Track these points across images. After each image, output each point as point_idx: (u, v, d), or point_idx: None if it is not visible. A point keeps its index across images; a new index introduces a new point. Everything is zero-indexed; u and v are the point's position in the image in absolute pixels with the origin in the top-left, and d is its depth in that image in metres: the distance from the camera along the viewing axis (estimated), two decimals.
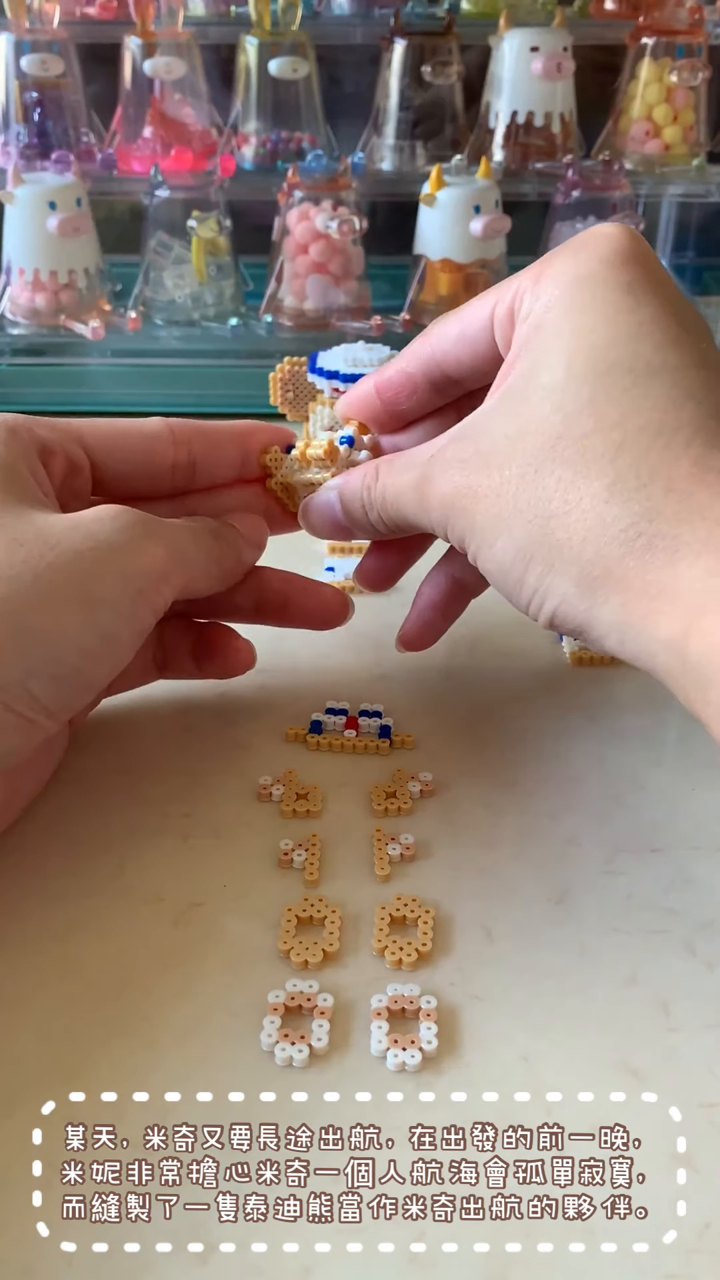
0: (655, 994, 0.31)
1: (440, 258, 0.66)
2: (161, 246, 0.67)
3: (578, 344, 0.31)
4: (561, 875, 0.35)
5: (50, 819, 0.36)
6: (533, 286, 0.34)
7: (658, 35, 0.69)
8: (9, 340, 0.66)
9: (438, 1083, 0.29)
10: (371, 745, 0.40)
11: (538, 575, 0.31)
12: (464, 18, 0.72)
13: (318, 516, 0.39)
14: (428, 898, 0.34)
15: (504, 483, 0.31)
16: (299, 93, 0.69)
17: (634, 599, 0.29)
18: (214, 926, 0.33)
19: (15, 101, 0.68)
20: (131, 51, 0.67)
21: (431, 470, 0.34)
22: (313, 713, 0.41)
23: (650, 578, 0.29)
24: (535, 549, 0.31)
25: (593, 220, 0.67)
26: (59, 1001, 0.31)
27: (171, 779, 0.39)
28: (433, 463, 0.34)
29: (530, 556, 0.31)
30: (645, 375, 0.30)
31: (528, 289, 0.34)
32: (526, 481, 0.31)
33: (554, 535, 0.30)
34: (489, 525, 0.32)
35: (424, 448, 0.35)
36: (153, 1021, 0.30)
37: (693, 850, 0.36)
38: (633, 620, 0.29)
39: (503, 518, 0.31)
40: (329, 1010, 0.31)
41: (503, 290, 0.35)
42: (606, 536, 0.29)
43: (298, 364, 0.55)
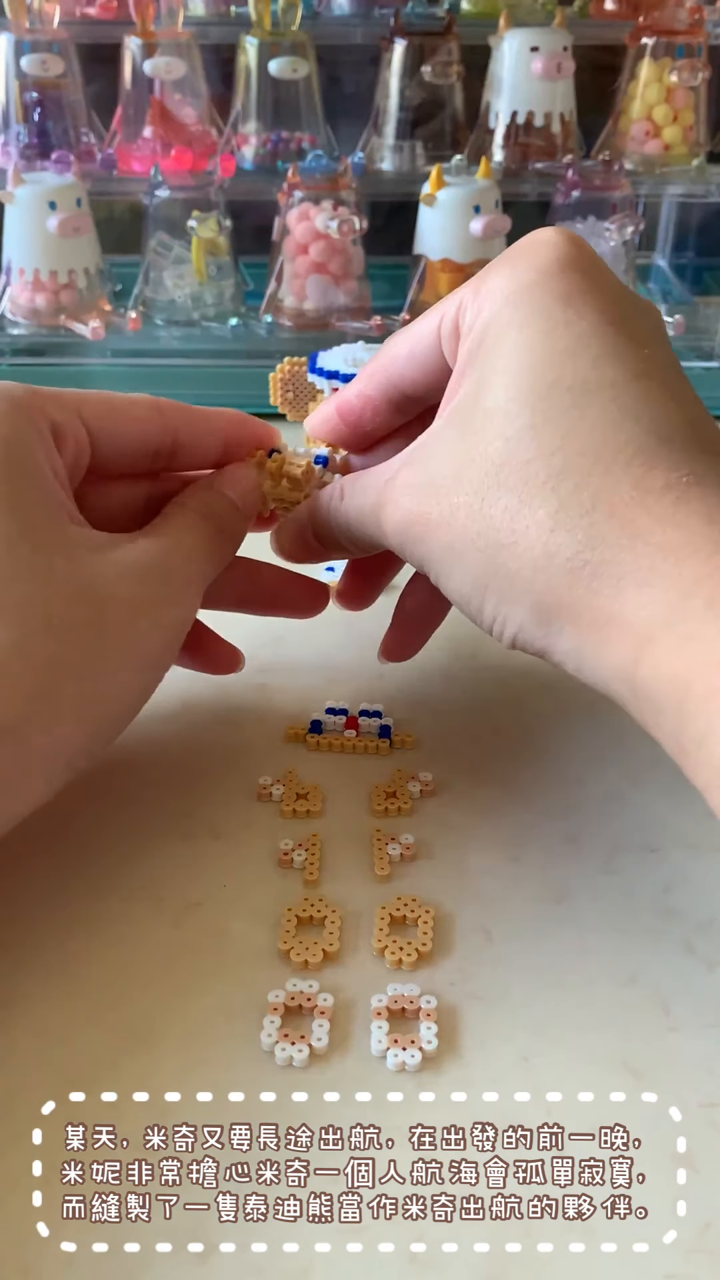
0: (655, 994, 0.31)
1: (440, 258, 0.66)
2: (161, 246, 0.67)
3: (517, 363, 0.31)
4: (561, 875, 0.35)
5: (50, 819, 0.36)
6: (473, 299, 0.33)
7: (657, 35, 0.69)
8: (9, 340, 0.66)
9: (438, 1083, 0.29)
10: (371, 745, 0.40)
11: (494, 605, 0.31)
12: (464, 18, 0.72)
13: (288, 538, 0.39)
14: (428, 898, 0.34)
15: (454, 510, 0.31)
16: (299, 93, 0.69)
17: (585, 628, 0.29)
18: (214, 926, 0.33)
19: (15, 101, 0.68)
20: (131, 51, 0.67)
21: (386, 496, 0.34)
22: (313, 713, 0.41)
23: (599, 605, 0.28)
24: (489, 579, 0.31)
25: (593, 220, 0.67)
26: (59, 1001, 0.31)
27: (171, 779, 0.39)
28: (387, 488, 0.34)
29: (485, 586, 0.31)
30: (583, 394, 0.30)
31: (469, 302, 0.33)
32: (474, 511, 0.31)
33: (505, 566, 0.30)
34: (443, 554, 0.32)
35: (382, 468, 0.35)
36: (152, 1021, 0.30)
37: (692, 850, 0.36)
38: (586, 648, 0.29)
39: (455, 548, 0.31)
40: (329, 1010, 0.31)
41: (446, 304, 0.34)
42: (554, 566, 0.29)
43: (298, 364, 0.55)
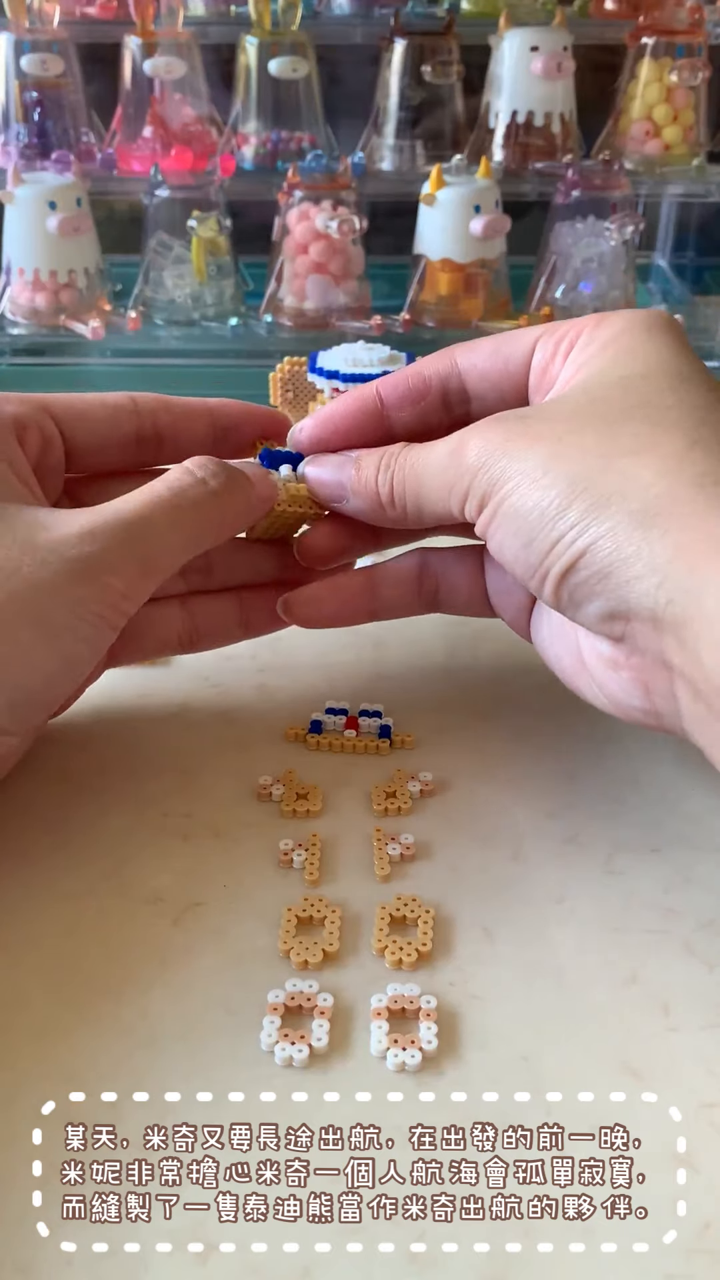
0: (655, 994, 0.31)
1: (440, 257, 0.66)
2: (161, 246, 0.67)
3: (654, 357, 0.33)
4: (561, 875, 0.35)
5: (50, 819, 0.36)
6: (595, 325, 0.35)
7: (658, 35, 0.70)
8: (9, 340, 0.66)
9: (438, 1083, 0.29)
10: (371, 745, 0.40)
11: (581, 510, 0.30)
12: (464, 18, 0.72)
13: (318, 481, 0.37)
14: (428, 898, 0.34)
15: (568, 431, 0.31)
16: (299, 93, 0.69)
17: (694, 540, 0.29)
18: (214, 926, 0.33)
19: (15, 101, 0.68)
20: (131, 51, 0.68)
21: (478, 427, 0.33)
22: (313, 713, 0.41)
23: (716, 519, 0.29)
24: (591, 481, 0.30)
25: (592, 220, 0.67)
26: (59, 1001, 0.31)
27: (171, 779, 0.39)
28: (479, 424, 0.34)
29: (583, 489, 0.30)
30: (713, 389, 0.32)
31: (589, 326, 0.35)
32: (597, 430, 0.31)
33: (621, 470, 0.30)
34: (538, 463, 0.31)
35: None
36: (152, 1021, 0.30)
37: (693, 850, 0.36)
38: (684, 560, 0.29)
39: (559, 455, 0.31)
40: (329, 1010, 0.31)
41: (555, 326, 0.36)
42: (684, 478, 0.29)
43: (298, 364, 0.55)
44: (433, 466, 0.34)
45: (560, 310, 0.68)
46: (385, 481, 0.35)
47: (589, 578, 0.30)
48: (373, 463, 0.36)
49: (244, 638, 0.41)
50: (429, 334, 0.67)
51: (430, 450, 0.35)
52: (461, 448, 0.33)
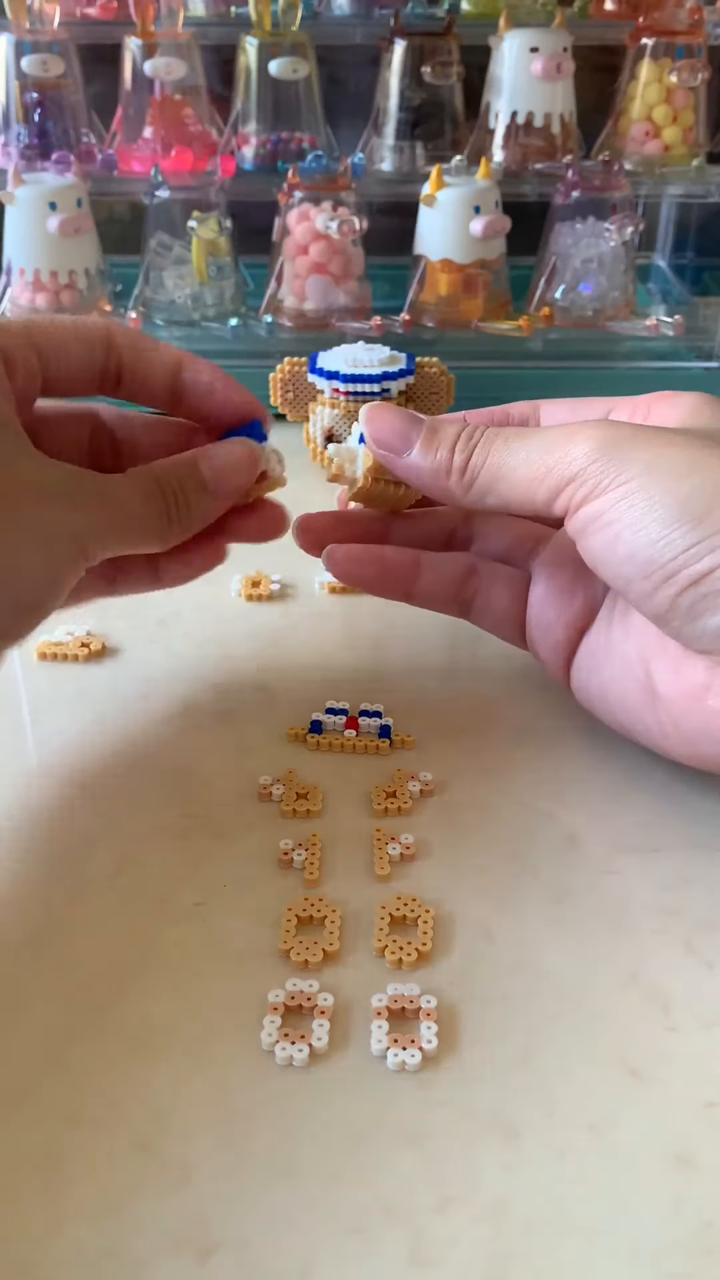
0: (655, 994, 0.31)
1: (440, 258, 0.66)
2: (162, 247, 0.67)
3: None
4: (561, 875, 0.35)
5: (50, 819, 0.37)
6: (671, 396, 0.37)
7: (657, 36, 0.69)
8: None
9: (438, 1083, 0.29)
10: (371, 745, 0.40)
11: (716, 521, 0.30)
12: (464, 18, 0.72)
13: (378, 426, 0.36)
14: (428, 897, 0.34)
15: (700, 447, 0.31)
16: (299, 93, 0.69)
17: None
18: (214, 926, 0.33)
19: (15, 102, 0.68)
20: (132, 52, 0.67)
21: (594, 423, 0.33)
22: (313, 713, 0.41)
23: None
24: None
25: (593, 220, 0.67)
26: (59, 1001, 0.31)
27: (172, 779, 0.39)
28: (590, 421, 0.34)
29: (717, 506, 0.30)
30: None
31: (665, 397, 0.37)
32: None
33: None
34: (674, 466, 0.31)
35: None
36: (153, 1021, 0.30)
37: (693, 850, 0.36)
38: None
39: (697, 462, 0.31)
40: (329, 1010, 0.31)
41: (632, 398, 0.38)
42: None
43: (298, 364, 0.55)
44: (528, 449, 0.34)
45: (560, 310, 0.68)
46: (464, 450, 0.35)
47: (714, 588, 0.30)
48: (452, 431, 0.36)
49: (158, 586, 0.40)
50: (429, 334, 0.67)
51: (527, 434, 0.34)
52: (573, 437, 0.33)
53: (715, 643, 0.31)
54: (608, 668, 0.36)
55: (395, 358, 0.55)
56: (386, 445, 0.36)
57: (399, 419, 0.36)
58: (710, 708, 0.32)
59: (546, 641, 0.38)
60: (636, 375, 0.67)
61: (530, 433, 0.34)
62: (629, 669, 0.35)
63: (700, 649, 0.32)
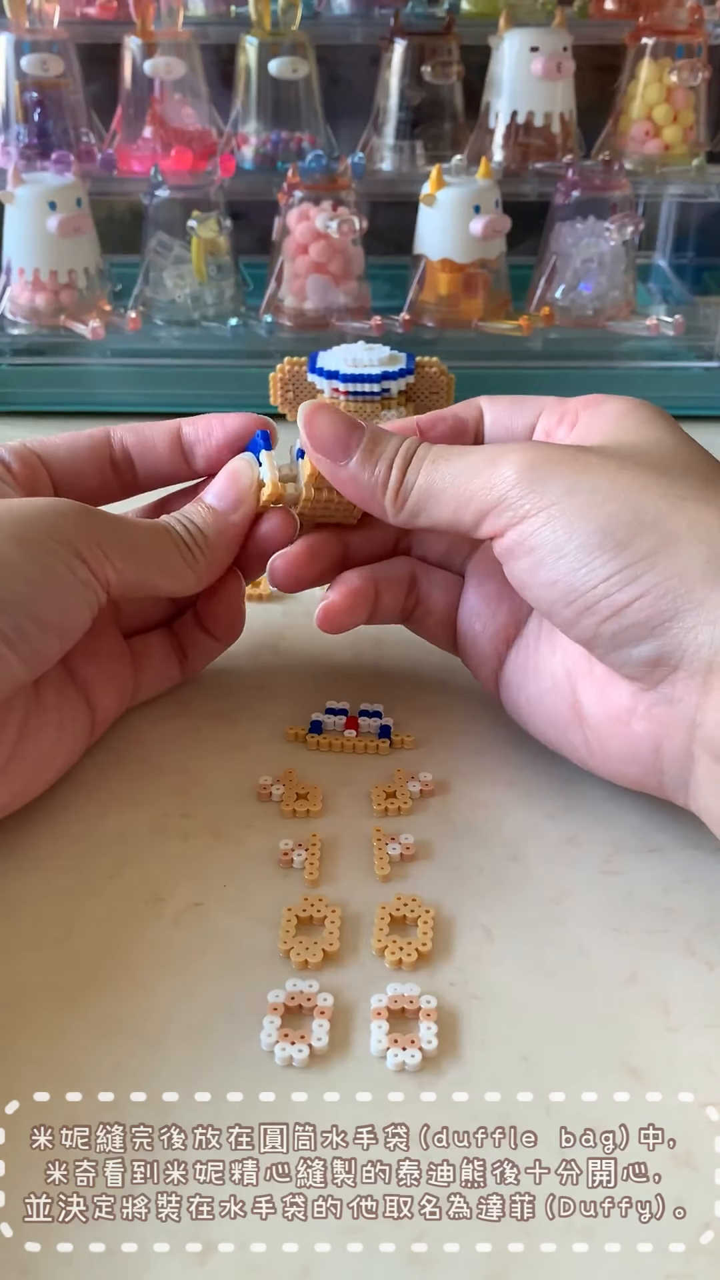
0: (655, 994, 0.31)
1: (440, 258, 0.66)
2: (161, 246, 0.67)
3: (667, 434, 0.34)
4: (561, 875, 0.35)
5: (50, 819, 0.36)
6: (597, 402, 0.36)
7: (657, 35, 0.69)
8: (9, 340, 0.66)
9: (438, 1083, 0.29)
10: (371, 745, 0.40)
11: (649, 546, 0.30)
12: (464, 18, 0.72)
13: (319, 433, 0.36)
14: (428, 898, 0.34)
15: (622, 469, 0.31)
16: (299, 93, 0.69)
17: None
18: (214, 926, 0.33)
19: (15, 101, 0.68)
20: (131, 51, 0.67)
21: (521, 445, 0.33)
22: (313, 713, 0.41)
23: None
24: (660, 518, 0.30)
25: (593, 220, 0.67)
26: (59, 1001, 0.31)
27: (172, 779, 0.39)
28: (518, 444, 0.34)
29: (650, 524, 0.30)
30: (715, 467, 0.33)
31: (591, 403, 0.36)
32: (656, 475, 0.31)
33: (690, 513, 0.30)
34: (595, 491, 0.31)
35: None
36: (152, 1021, 0.30)
37: (693, 850, 0.36)
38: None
39: (620, 486, 0.30)
40: (329, 1010, 0.31)
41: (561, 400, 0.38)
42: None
43: (298, 364, 0.55)
44: (456, 472, 0.33)
45: (560, 310, 0.68)
46: (398, 468, 0.35)
47: (648, 618, 0.30)
48: (391, 446, 0.35)
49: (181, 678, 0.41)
50: (429, 334, 0.67)
51: (454, 455, 0.34)
52: (499, 460, 0.32)
53: (638, 670, 0.31)
54: (535, 683, 0.36)
55: (395, 357, 0.55)
56: (325, 451, 0.36)
57: (340, 424, 0.35)
58: (634, 731, 0.32)
59: (474, 652, 0.38)
60: (636, 375, 0.67)
61: (458, 453, 0.34)
62: (556, 686, 0.35)
63: (625, 675, 0.32)
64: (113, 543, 0.34)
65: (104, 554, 0.34)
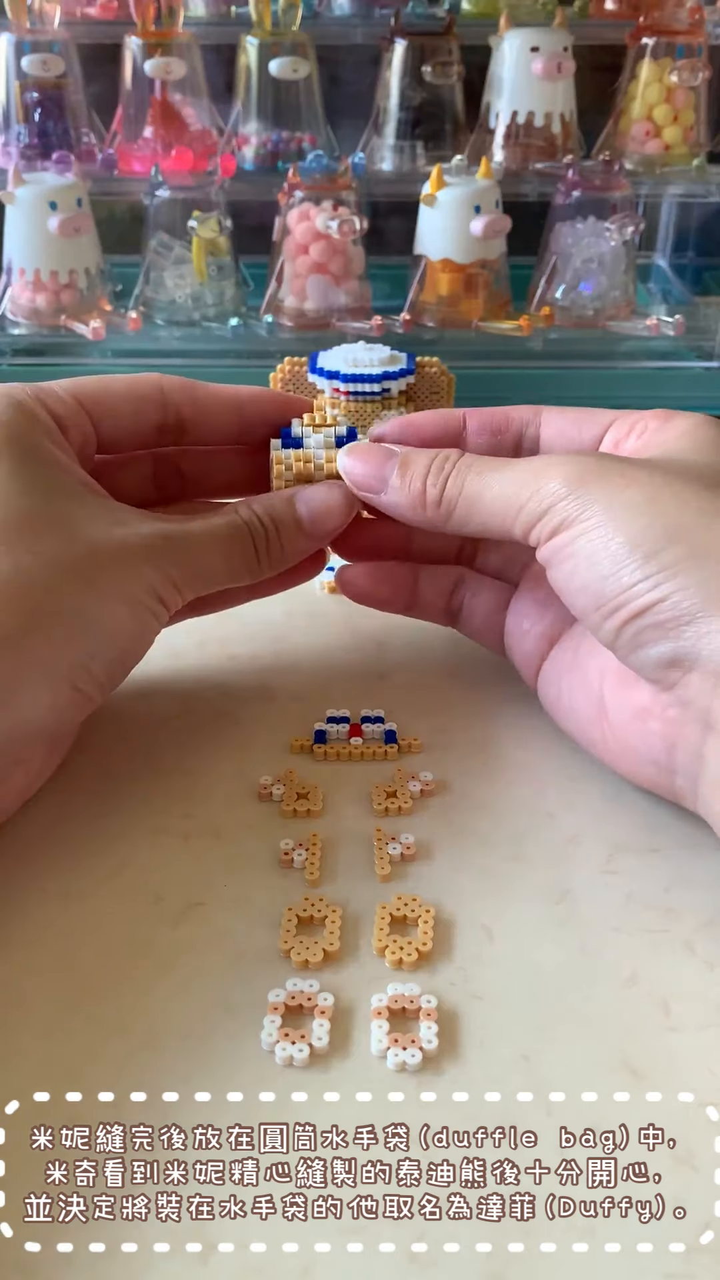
0: (655, 994, 0.31)
1: (440, 258, 0.66)
2: (162, 247, 0.67)
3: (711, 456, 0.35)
4: (561, 875, 0.35)
5: (50, 819, 0.36)
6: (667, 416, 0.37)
7: (658, 35, 0.69)
8: (9, 340, 0.66)
9: (438, 1082, 0.29)
10: (379, 751, 0.40)
11: (676, 555, 0.31)
12: (464, 18, 0.72)
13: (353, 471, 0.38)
14: (428, 898, 0.34)
15: (666, 484, 0.32)
16: (299, 93, 0.69)
17: None
18: (214, 926, 0.33)
19: (16, 102, 0.68)
20: (132, 52, 0.67)
21: (566, 456, 0.34)
22: (314, 713, 0.41)
23: None
24: (690, 532, 0.31)
25: (593, 220, 0.67)
26: (59, 1001, 0.31)
27: (171, 779, 0.39)
28: (563, 454, 0.35)
29: (681, 537, 0.31)
30: None
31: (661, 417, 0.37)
32: (696, 491, 0.32)
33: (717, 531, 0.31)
34: (633, 503, 0.32)
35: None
36: (152, 1021, 0.30)
37: (693, 850, 0.36)
38: None
39: (657, 501, 0.32)
40: (329, 1010, 0.31)
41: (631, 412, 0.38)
42: None
43: (298, 364, 0.55)
44: (503, 482, 0.35)
45: (560, 310, 0.68)
46: (437, 483, 0.36)
47: (665, 620, 0.31)
48: (424, 463, 0.37)
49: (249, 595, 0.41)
50: (429, 334, 0.67)
51: (501, 466, 0.35)
52: (545, 471, 0.34)
53: (656, 671, 0.32)
54: (569, 678, 0.37)
55: (395, 357, 0.55)
56: (365, 487, 0.38)
57: (372, 458, 0.38)
58: (650, 730, 0.34)
59: (519, 648, 0.40)
60: (637, 375, 0.67)
61: (503, 464, 0.35)
62: (587, 682, 0.36)
63: (645, 676, 0.33)
64: (188, 577, 0.36)
65: (178, 590, 0.35)
